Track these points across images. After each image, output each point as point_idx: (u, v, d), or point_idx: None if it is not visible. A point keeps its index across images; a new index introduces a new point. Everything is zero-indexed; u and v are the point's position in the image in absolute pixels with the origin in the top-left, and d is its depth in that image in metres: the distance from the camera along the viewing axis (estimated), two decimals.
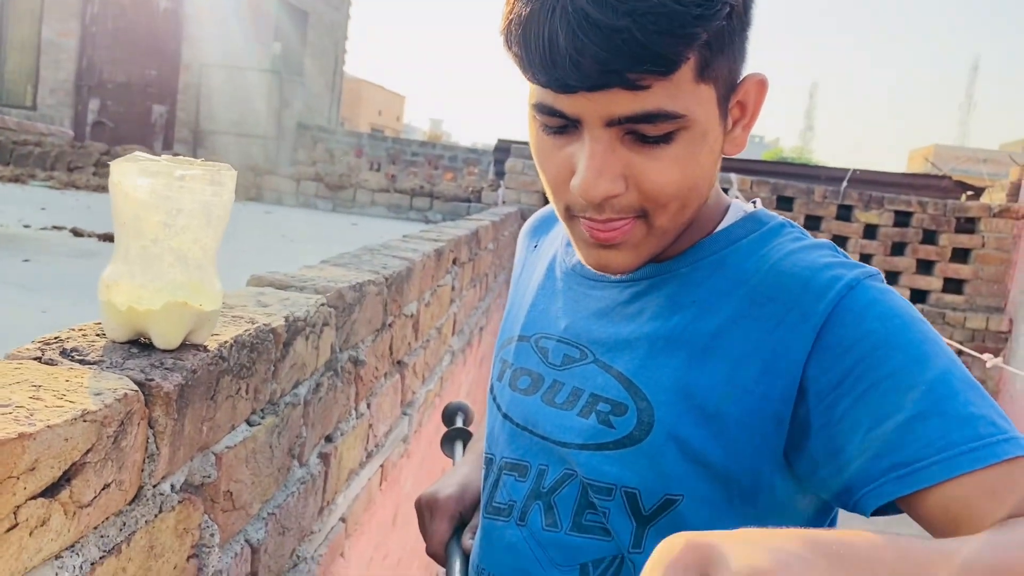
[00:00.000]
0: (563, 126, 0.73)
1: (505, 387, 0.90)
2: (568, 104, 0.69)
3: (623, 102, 0.67)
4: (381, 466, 1.66)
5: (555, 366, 0.85)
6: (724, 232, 0.81)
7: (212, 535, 0.80)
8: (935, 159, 17.41)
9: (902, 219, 6.48)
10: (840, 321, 0.70)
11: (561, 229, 0.93)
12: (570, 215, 0.77)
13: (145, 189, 0.71)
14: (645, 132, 0.69)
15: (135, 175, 0.71)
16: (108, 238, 3.87)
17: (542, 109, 0.72)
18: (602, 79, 0.66)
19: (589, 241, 0.76)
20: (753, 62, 0.76)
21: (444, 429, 1.21)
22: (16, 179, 7.58)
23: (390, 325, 1.62)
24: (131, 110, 12.73)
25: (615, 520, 0.77)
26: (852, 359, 0.68)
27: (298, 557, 1.11)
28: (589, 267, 0.81)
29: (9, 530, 0.49)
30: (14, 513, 0.50)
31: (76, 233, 3.92)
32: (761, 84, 0.77)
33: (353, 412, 1.37)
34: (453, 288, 2.65)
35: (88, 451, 0.56)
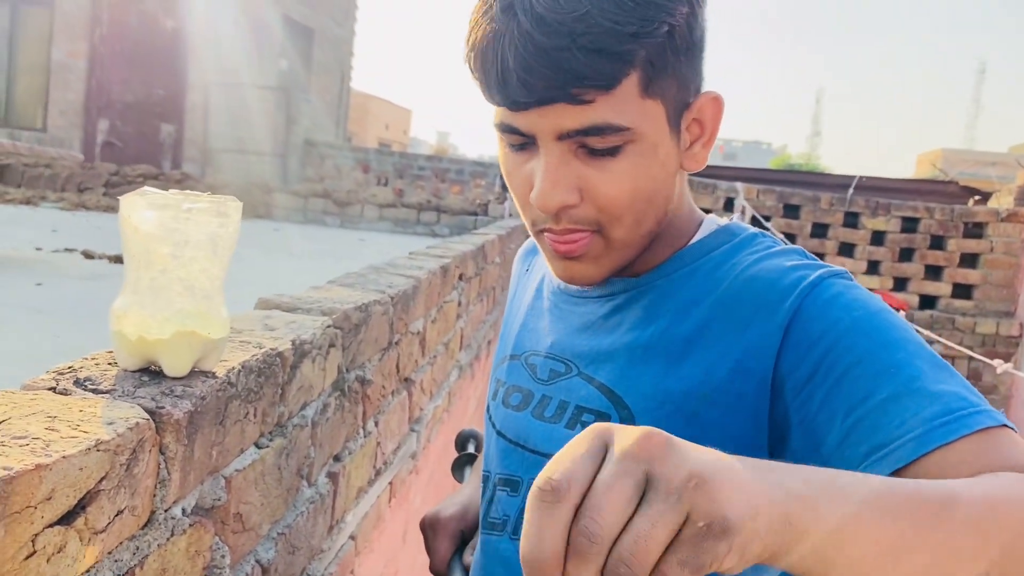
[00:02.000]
0: (523, 143, 0.77)
1: (499, 405, 0.93)
2: (522, 121, 0.74)
3: (570, 116, 0.72)
4: (390, 483, 1.68)
5: (543, 381, 0.88)
6: (698, 244, 0.84)
7: (223, 556, 0.82)
8: (943, 163, 17.37)
9: (909, 225, 6.48)
10: (806, 316, 0.72)
11: (530, 262, 0.99)
12: (536, 230, 0.81)
13: (153, 222, 0.73)
14: (593, 145, 0.73)
15: (143, 209, 0.73)
16: (118, 260, 3.91)
17: (502, 128, 0.77)
18: (548, 94, 0.71)
19: (554, 254, 0.81)
20: (760, 68, 0.76)
21: (454, 449, 1.23)
22: (28, 201, 7.66)
23: (397, 343, 1.64)
24: (140, 130, 12.83)
25: None
26: (820, 351, 0.69)
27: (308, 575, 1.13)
28: (558, 280, 0.86)
29: (28, 557, 0.52)
30: (32, 541, 0.52)
31: (87, 255, 3.96)
32: (716, 101, 0.80)
33: (361, 431, 1.39)
34: (459, 303, 2.68)
35: (102, 479, 0.59)
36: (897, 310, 4.84)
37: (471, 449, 1.21)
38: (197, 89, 12.72)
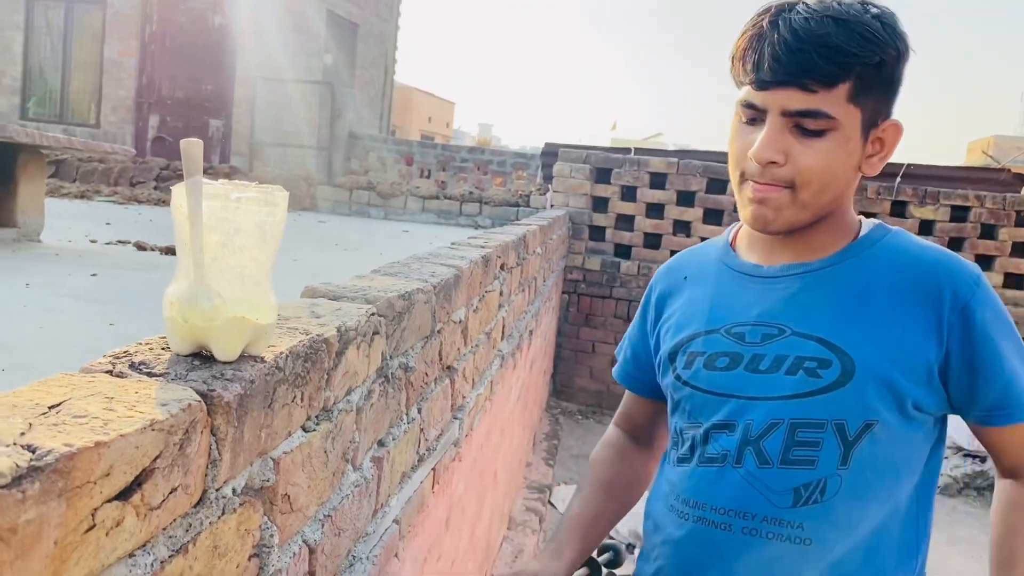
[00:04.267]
0: (754, 118, 1.06)
1: (701, 370, 1.16)
2: (760, 98, 1.04)
3: (797, 99, 1.02)
4: (433, 469, 1.70)
5: (754, 343, 1.12)
6: (867, 236, 1.14)
7: (272, 536, 0.84)
8: (995, 151, 16.89)
9: (959, 214, 6.33)
10: (978, 306, 1.06)
11: (705, 260, 1.27)
12: (742, 179, 1.10)
13: (204, 211, 0.76)
14: (806, 125, 1.03)
15: None
16: (170, 251, 4.00)
17: (744, 104, 1.07)
18: (787, 79, 1.01)
19: (751, 199, 1.08)
20: None
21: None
22: (82, 195, 7.87)
23: (439, 332, 1.66)
24: (189, 125, 13.08)
25: (827, 447, 1.07)
26: (979, 335, 1.05)
27: (354, 557, 1.16)
28: (747, 223, 1.13)
29: (88, 531, 0.54)
30: (92, 515, 0.54)
31: (140, 247, 4.07)
32: (897, 128, 1.10)
33: (404, 417, 1.41)
34: (501, 293, 2.69)
35: (157, 457, 0.61)
36: None
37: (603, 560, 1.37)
38: (244, 84, 12.92)
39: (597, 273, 6.69)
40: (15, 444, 0.51)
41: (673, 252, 6.58)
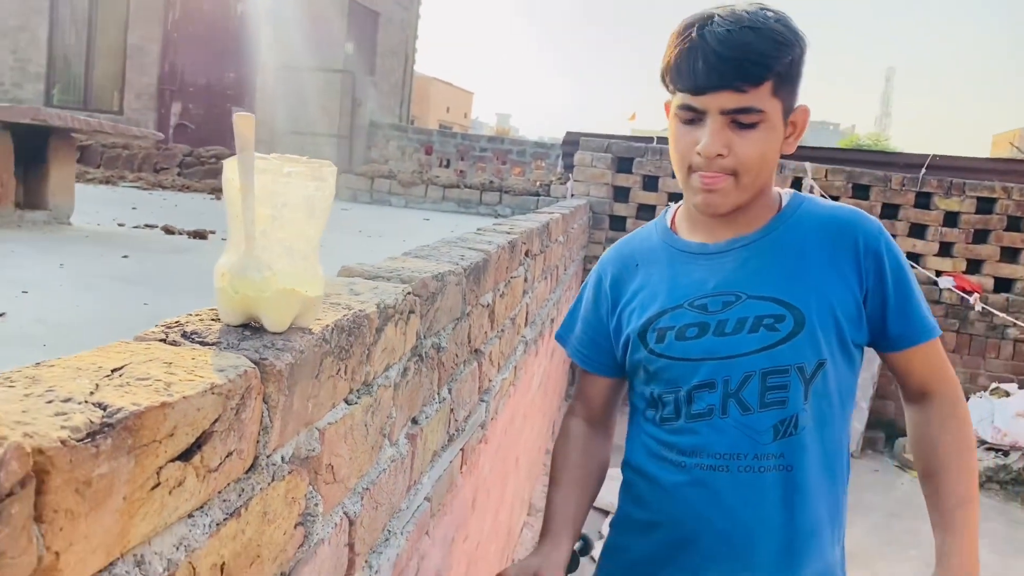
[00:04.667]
0: (692, 119, 1.24)
1: (674, 341, 1.32)
2: (699, 102, 1.21)
3: (732, 100, 1.20)
4: (461, 450, 1.71)
5: (716, 311, 1.30)
6: (789, 205, 1.36)
7: (316, 505, 0.86)
8: (1021, 142, 16.67)
9: (985, 206, 6.26)
10: (885, 251, 1.30)
11: (651, 246, 1.43)
12: (690, 172, 1.26)
13: (255, 185, 0.77)
14: (741, 120, 1.21)
15: None
16: (198, 235, 4.04)
17: (683, 107, 1.24)
18: (721, 84, 1.19)
19: (700, 188, 1.25)
20: (828, 46, 1.02)
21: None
22: (107, 181, 7.94)
23: (468, 314, 1.67)
24: (211, 112, 13.15)
25: (793, 388, 1.27)
26: (888, 274, 1.29)
27: (389, 532, 1.17)
28: (698, 209, 1.30)
29: (153, 488, 0.56)
30: (157, 473, 0.56)
31: (167, 231, 4.11)
32: (805, 111, 1.30)
33: (436, 396, 1.43)
34: (526, 280, 2.70)
35: (215, 421, 0.63)
36: (970, 293, 4.66)
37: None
38: (266, 72, 12.96)
39: None
40: (86, 402, 0.53)
41: None
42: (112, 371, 0.60)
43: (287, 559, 0.80)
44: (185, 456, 0.60)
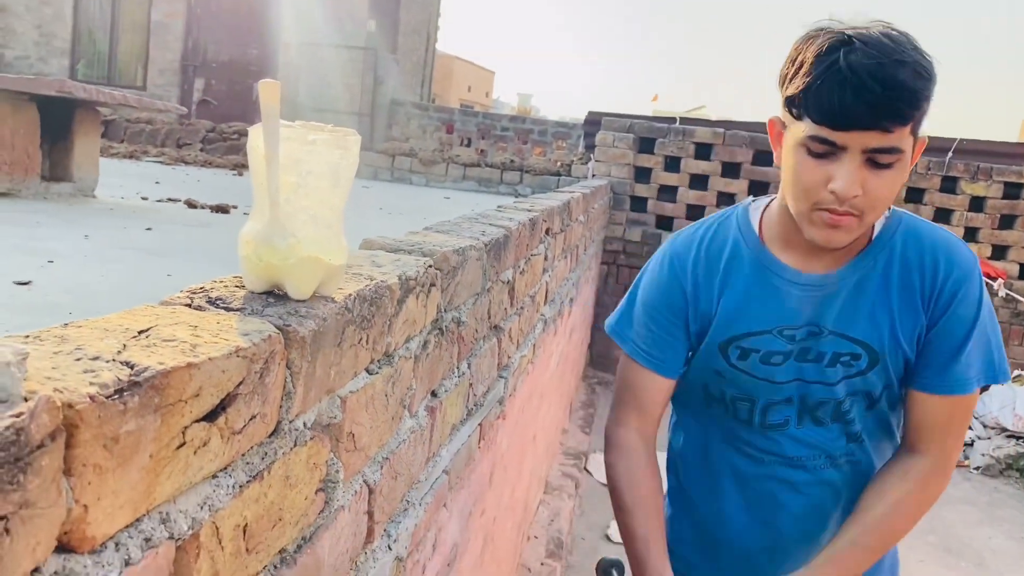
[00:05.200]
0: (826, 152, 1.16)
1: (756, 364, 1.36)
2: (840, 137, 1.13)
3: (877, 139, 1.13)
4: (480, 425, 1.72)
5: (801, 340, 1.33)
6: (884, 232, 1.33)
7: (337, 471, 0.87)
8: None
9: (1012, 190, 6.17)
10: (961, 291, 1.28)
11: (738, 254, 1.39)
12: (814, 208, 1.20)
13: (280, 153, 0.77)
14: (880, 160, 1.14)
15: None
16: (220, 209, 4.06)
17: (816, 139, 1.16)
18: (871, 123, 1.11)
19: (825, 224, 1.20)
20: None
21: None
22: (131, 155, 8.00)
23: (488, 290, 1.67)
24: (233, 89, 13.19)
25: (859, 407, 1.36)
26: (957, 318, 1.30)
27: (407, 502, 1.19)
28: (815, 242, 1.24)
29: (179, 447, 0.57)
30: (183, 432, 0.57)
31: (190, 205, 4.14)
32: (924, 143, 1.22)
33: (455, 370, 1.43)
34: (546, 258, 2.70)
35: (240, 383, 0.63)
36: (995, 278, 4.61)
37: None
38: (288, 49, 12.97)
39: (637, 245, 6.66)
40: (114, 360, 0.53)
41: None
42: (139, 332, 0.61)
43: (308, 524, 0.81)
44: (210, 417, 0.60)
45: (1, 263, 2.06)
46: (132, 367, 0.53)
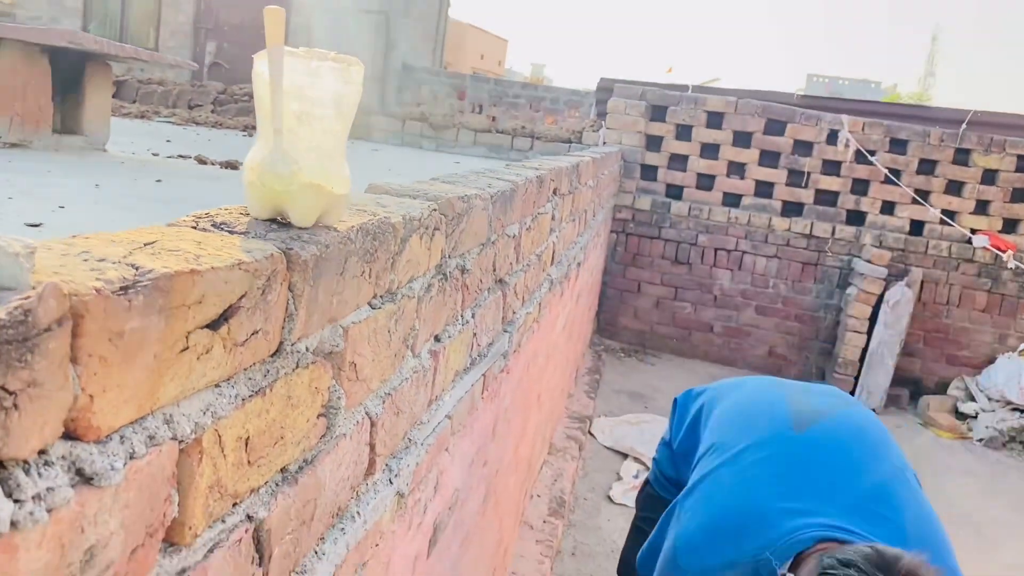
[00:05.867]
0: None
1: None
2: None
3: None
4: (483, 375, 1.74)
5: None
6: None
7: (339, 398, 0.89)
8: None
9: None
10: None
11: None
12: None
13: (284, 80, 0.78)
14: None
15: None
16: (230, 166, 4.07)
17: None
18: None
19: None
20: (872, 1, 0.86)
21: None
22: (142, 115, 8.00)
23: (494, 242, 1.69)
24: (245, 52, 13.13)
25: None
26: None
27: (410, 440, 1.21)
28: None
29: (182, 351, 0.58)
30: (186, 337, 0.58)
31: (200, 161, 4.15)
32: None
33: (459, 318, 1.45)
34: (553, 218, 2.70)
35: (242, 297, 0.65)
36: (1004, 251, 4.57)
37: None
38: (301, 12, 12.88)
39: (647, 213, 6.64)
40: (120, 262, 0.55)
41: (726, 194, 6.50)
42: (144, 244, 0.63)
43: (309, 446, 0.84)
44: (213, 326, 0.62)
45: (12, 206, 2.08)
46: (137, 268, 0.54)
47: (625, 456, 4.53)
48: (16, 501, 0.43)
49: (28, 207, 2.03)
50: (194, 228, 0.75)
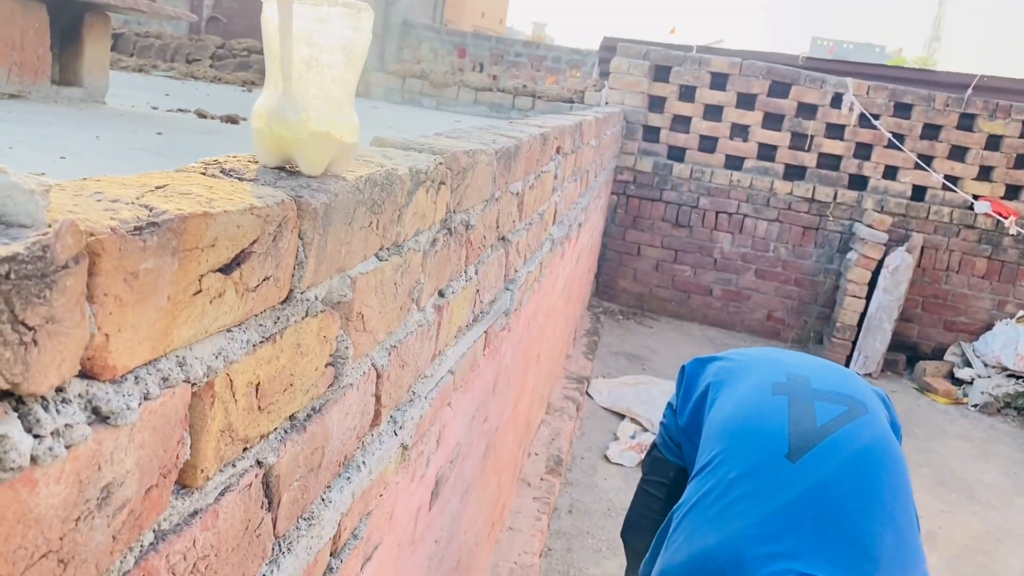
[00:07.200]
0: None
1: None
2: None
3: None
4: (485, 332, 1.75)
5: None
6: None
7: (347, 348, 0.89)
8: None
9: None
10: None
11: None
12: None
13: (293, 25, 0.77)
14: None
15: None
16: (231, 120, 4.04)
17: None
18: None
19: None
20: None
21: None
22: (140, 69, 7.92)
23: (497, 199, 1.68)
24: (243, 6, 12.96)
25: None
26: None
27: (414, 393, 1.21)
28: None
29: (195, 294, 0.58)
30: (199, 280, 0.58)
31: (200, 115, 4.12)
32: None
33: (463, 273, 1.45)
34: (556, 176, 2.69)
35: (254, 242, 0.65)
36: (1006, 217, 4.57)
37: None
38: None
39: (648, 175, 6.61)
40: (134, 203, 0.55)
41: (729, 157, 6.47)
42: (156, 187, 0.62)
43: (318, 395, 0.84)
44: (225, 271, 0.62)
45: (13, 157, 2.07)
46: (151, 209, 0.54)
47: (622, 417, 4.56)
48: (36, 436, 0.44)
49: (29, 157, 2.02)
50: (203, 175, 0.75)
